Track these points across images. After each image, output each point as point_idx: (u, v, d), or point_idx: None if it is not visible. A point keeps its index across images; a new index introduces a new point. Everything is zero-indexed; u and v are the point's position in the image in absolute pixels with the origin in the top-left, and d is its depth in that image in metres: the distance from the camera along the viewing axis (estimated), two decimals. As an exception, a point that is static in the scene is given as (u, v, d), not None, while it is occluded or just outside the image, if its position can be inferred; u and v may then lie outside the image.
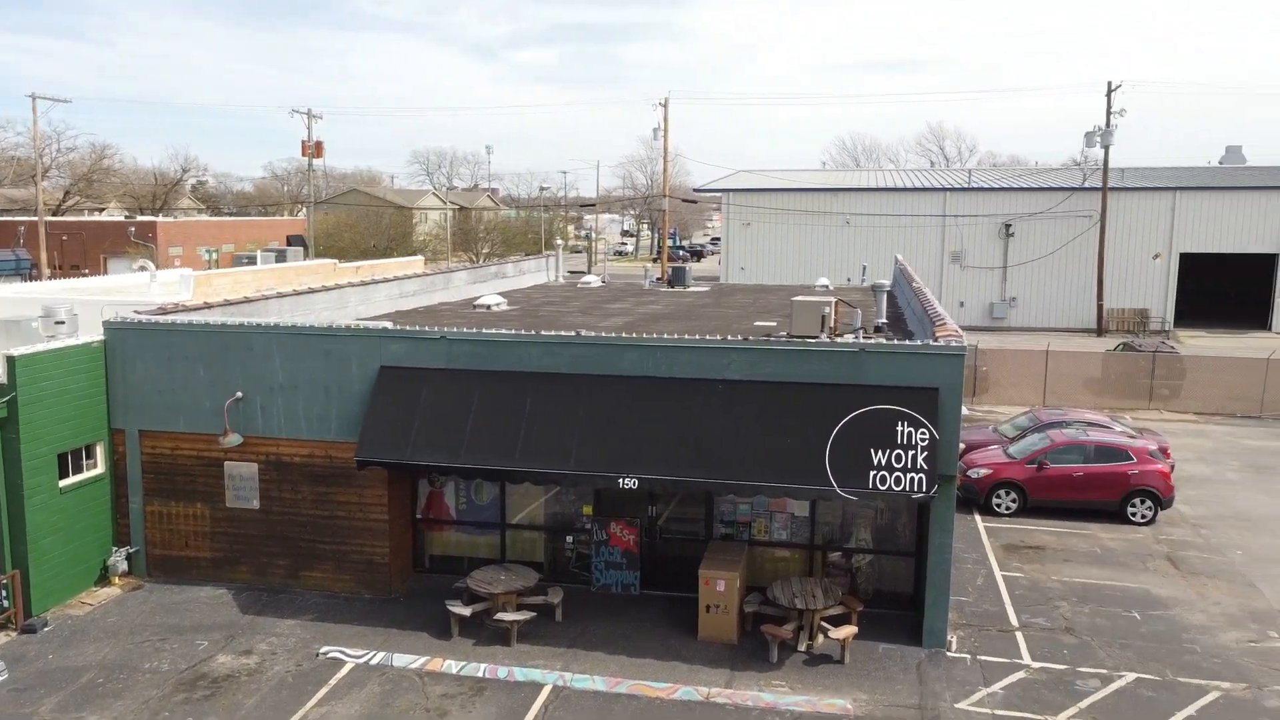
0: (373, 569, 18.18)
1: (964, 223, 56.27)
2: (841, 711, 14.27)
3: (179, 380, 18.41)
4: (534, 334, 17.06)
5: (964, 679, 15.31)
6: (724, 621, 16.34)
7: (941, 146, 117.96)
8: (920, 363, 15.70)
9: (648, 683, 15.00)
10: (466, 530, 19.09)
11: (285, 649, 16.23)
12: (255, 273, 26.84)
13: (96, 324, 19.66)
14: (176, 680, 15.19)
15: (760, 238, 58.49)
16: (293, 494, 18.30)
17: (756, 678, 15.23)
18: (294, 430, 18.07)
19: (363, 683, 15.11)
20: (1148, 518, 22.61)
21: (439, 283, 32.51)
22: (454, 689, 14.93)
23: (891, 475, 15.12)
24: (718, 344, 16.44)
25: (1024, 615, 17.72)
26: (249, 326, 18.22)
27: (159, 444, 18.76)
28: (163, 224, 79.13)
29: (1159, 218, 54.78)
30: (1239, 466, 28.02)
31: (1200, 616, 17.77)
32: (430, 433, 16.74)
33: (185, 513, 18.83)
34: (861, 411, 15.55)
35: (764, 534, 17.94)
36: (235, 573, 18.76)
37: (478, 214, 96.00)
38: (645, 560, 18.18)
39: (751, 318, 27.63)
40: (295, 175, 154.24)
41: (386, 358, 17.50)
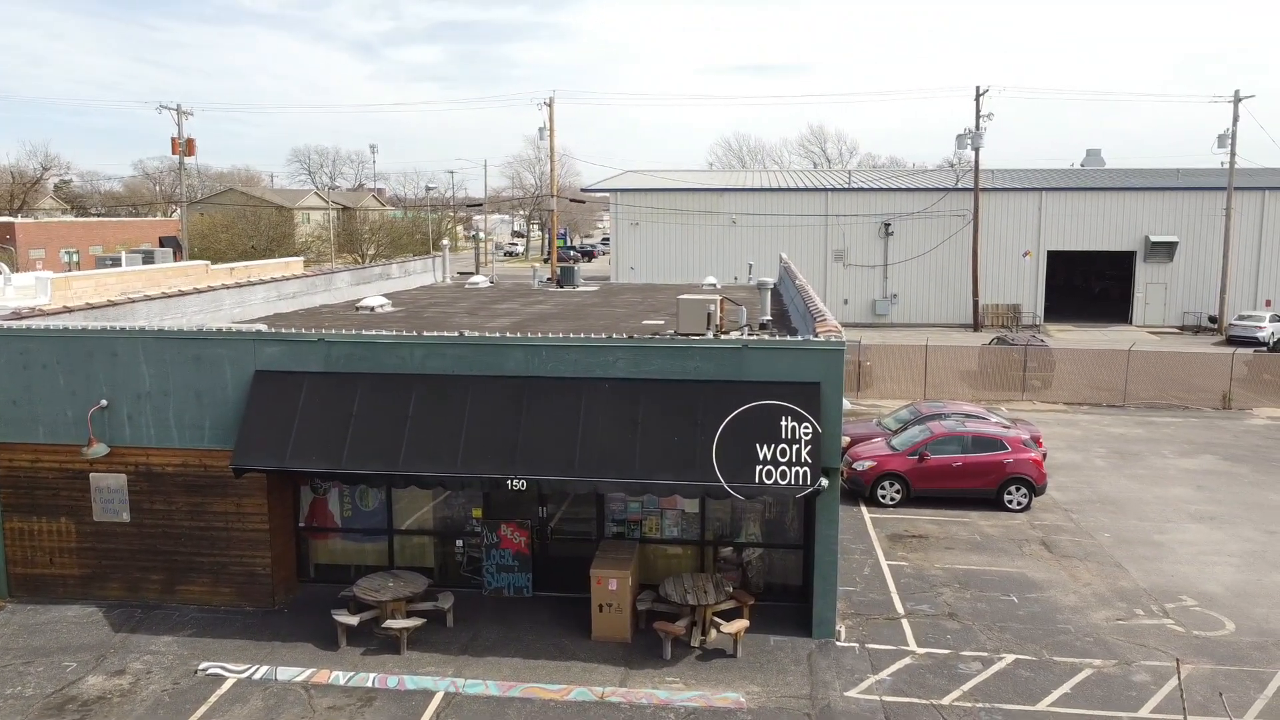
0: (254, 580, 17.53)
1: (845, 222, 57.61)
2: (734, 705, 14.38)
3: (37, 389, 17.42)
4: (416, 335, 16.71)
5: (853, 667, 15.60)
6: (617, 620, 16.29)
7: (824, 148, 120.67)
8: (802, 358, 15.92)
9: (541, 685, 14.84)
10: (353, 538, 18.58)
11: (161, 667, 15.51)
12: (120, 275, 25.61)
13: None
14: (42, 705, 14.37)
15: (649, 237, 58.77)
16: (165, 505, 17.52)
17: (651, 675, 15.22)
18: (165, 439, 17.29)
19: (245, 698, 14.54)
20: (1023, 504, 23.49)
21: (320, 284, 31.65)
22: (341, 700, 14.50)
23: (777, 470, 15.30)
24: (602, 342, 16.37)
25: (909, 603, 18.19)
26: (112, 331, 17.36)
27: (16, 456, 17.72)
28: (21, 225, 75.09)
29: (1027, 217, 57.10)
30: (1105, 453, 29.36)
31: (1072, 598, 18.51)
32: (310, 438, 16.24)
33: (48, 528, 17.84)
34: (746, 408, 15.69)
35: (655, 531, 17.96)
36: (105, 589, 17.86)
37: (363, 214, 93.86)
38: (537, 562, 18.01)
39: (639, 316, 27.70)
40: (168, 174, 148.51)
41: (261, 361, 16.90)
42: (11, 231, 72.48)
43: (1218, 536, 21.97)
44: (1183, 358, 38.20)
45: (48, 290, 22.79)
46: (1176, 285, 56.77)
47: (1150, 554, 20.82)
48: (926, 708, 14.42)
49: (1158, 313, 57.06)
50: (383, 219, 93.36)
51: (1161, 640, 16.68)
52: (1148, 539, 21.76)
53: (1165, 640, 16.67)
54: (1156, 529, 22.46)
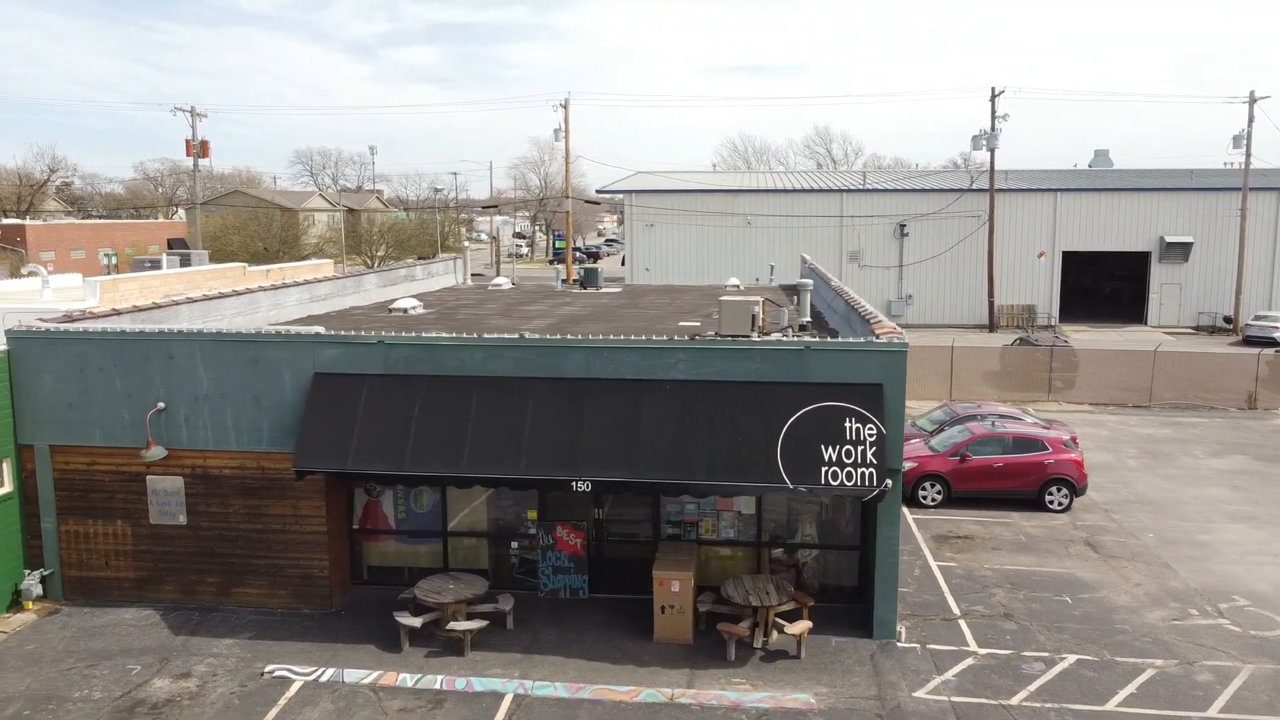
0: (311, 583, 17.53)
1: (860, 223, 57.67)
2: (805, 706, 14.39)
3: (93, 392, 17.42)
4: (476, 337, 16.72)
5: (917, 668, 15.62)
6: (679, 622, 16.30)
7: (829, 149, 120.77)
8: (864, 360, 15.95)
9: (610, 686, 14.85)
10: (406, 539, 18.58)
11: (225, 669, 15.51)
12: (162, 277, 25.63)
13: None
14: (112, 708, 14.36)
15: (664, 239, 58.79)
16: (222, 508, 17.51)
17: (717, 677, 15.24)
18: (222, 441, 17.29)
19: (314, 701, 14.54)
20: (1064, 505, 23.53)
21: (350, 286, 31.64)
22: (411, 703, 14.51)
23: (843, 471, 15.33)
24: (664, 344, 16.39)
25: (964, 603, 18.21)
26: (169, 334, 17.35)
27: (72, 459, 17.71)
28: (32, 227, 75.01)
29: (1042, 218, 57.17)
30: (1136, 454, 29.41)
31: (1125, 598, 18.54)
32: (372, 440, 16.24)
33: (104, 531, 17.82)
34: (809, 409, 15.72)
35: (711, 533, 17.98)
36: (161, 592, 17.85)
37: (369, 216, 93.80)
38: (593, 563, 18.02)
39: (673, 318, 27.68)
40: (169, 176, 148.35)
41: (320, 364, 16.90)
42: (22, 233, 72.47)
43: (1260, 536, 22.01)
44: (1206, 358, 38.25)
45: (96, 293, 22.77)
46: (1191, 286, 56.87)
47: (1196, 554, 20.85)
48: (996, 708, 14.44)
49: (1172, 313, 57.14)
50: (389, 221, 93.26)
51: (1219, 640, 16.71)
52: (1191, 539, 21.80)
53: (1223, 640, 16.70)
54: (1199, 529, 22.50)
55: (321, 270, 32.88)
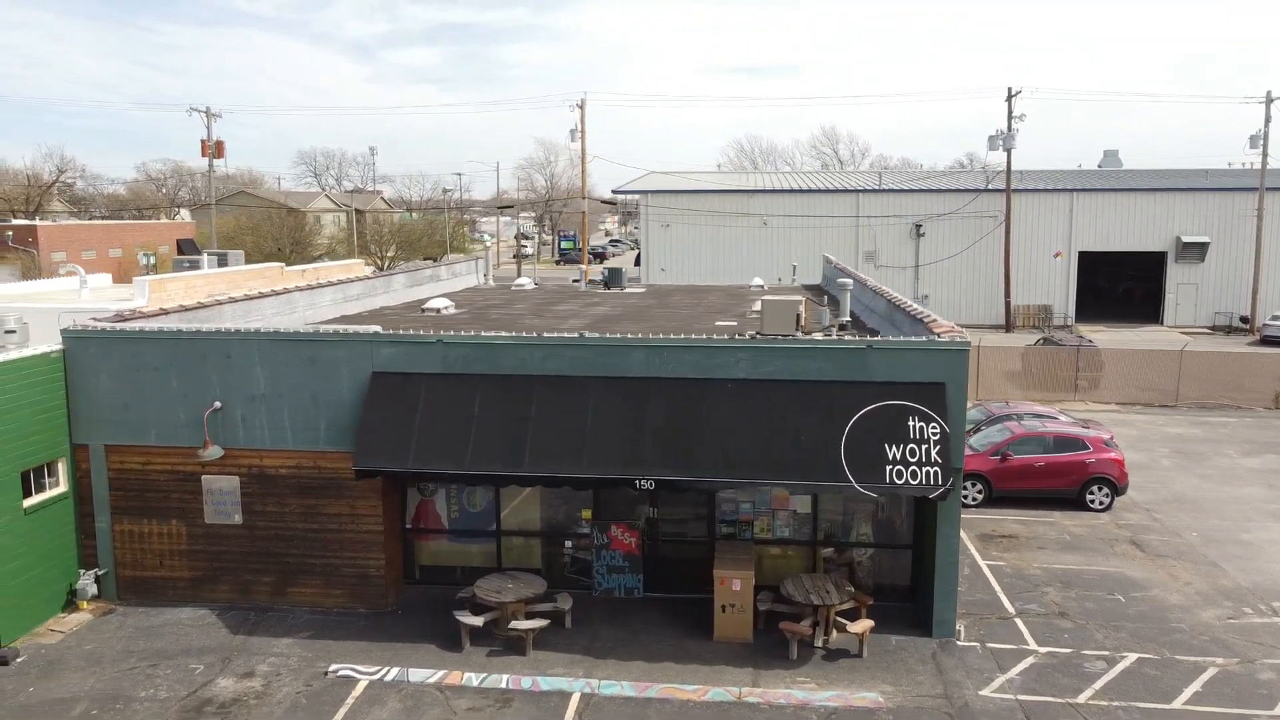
0: (367, 582, 17.52)
1: (876, 223, 57.70)
2: (874, 705, 14.39)
3: (149, 391, 17.40)
4: (536, 336, 16.72)
5: (980, 667, 15.63)
6: (740, 621, 16.30)
7: (836, 149, 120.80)
8: (926, 359, 15.96)
9: (677, 685, 14.85)
10: (458, 539, 18.57)
11: (288, 669, 15.50)
12: (205, 277, 25.63)
13: (42, 332, 18.53)
14: (180, 708, 14.34)
15: (679, 239, 58.81)
16: (278, 507, 17.50)
17: (781, 676, 15.24)
18: (279, 441, 17.28)
19: (381, 700, 14.53)
20: (1105, 504, 23.53)
21: (380, 286, 31.64)
22: (479, 702, 14.50)
23: (908, 470, 15.33)
24: (725, 343, 16.40)
25: (1017, 602, 18.21)
26: (227, 333, 17.34)
27: (127, 459, 17.69)
28: (44, 228, 74.88)
29: (1058, 218, 57.21)
30: (1169, 453, 29.42)
31: (1177, 596, 18.55)
32: (432, 440, 16.23)
33: (158, 531, 17.81)
34: (872, 408, 15.72)
35: (766, 532, 17.98)
36: (215, 592, 17.84)
37: (377, 217, 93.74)
38: (647, 563, 18.01)
39: (706, 318, 27.65)
40: (171, 177, 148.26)
41: (378, 363, 16.90)
42: (34, 234, 72.31)
43: (1304, 535, 22.04)
44: (1233, 358, 38.25)
45: (145, 292, 22.75)
46: (1207, 286, 56.92)
47: (1242, 553, 20.86)
48: (1063, 706, 14.44)
49: (1188, 313, 57.18)
50: (396, 221, 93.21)
51: (1278, 638, 16.72)
52: (1235, 538, 21.80)
53: (1281, 638, 16.73)
54: (1240, 528, 22.50)
55: (353, 270, 32.88)
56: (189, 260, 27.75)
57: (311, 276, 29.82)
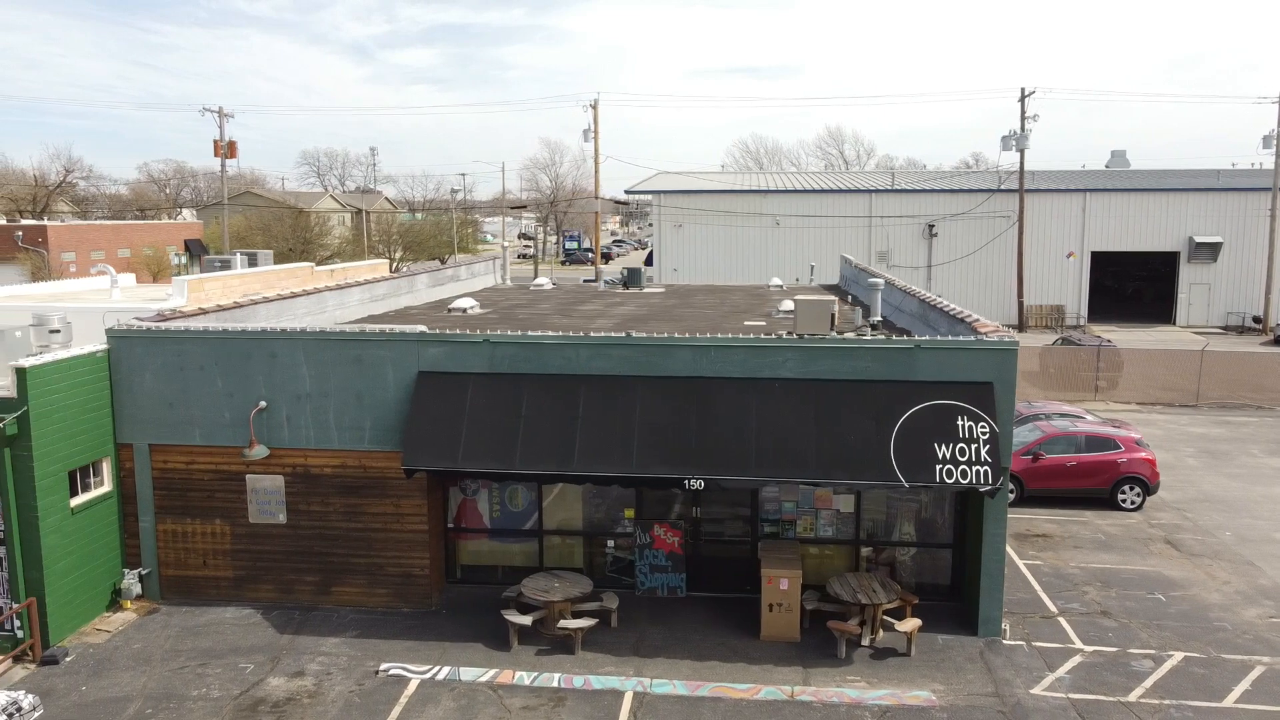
0: (411, 582, 17.55)
1: (889, 223, 57.73)
2: (927, 703, 14.42)
3: (193, 391, 17.43)
4: (583, 336, 16.75)
5: (1027, 665, 15.65)
6: (787, 620, 16.33)
7: (841, 150, 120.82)
8: (974, 358, 15.99)
9: (728, 684, 14.87)
10: (500, 539, 18.59)
11: (338, 668, 15.52)
12: (241, 277, 25.67)
13: (83, 333, 18.55)
14: (234, 706, 14.37)
15: (692, 239, 58.83)
16: (322, 506, 17.53)
17: (831, 674, 15.26)
18: (324, 440, 17.30)
19: (435, 699, 14.56)
20: (1136, 504, 23.57)
21: (404, 286, 31.67)
22: (532, 701, 14.52)
23: (957, 469, 15.35)
24: (772, 343, 16.43)
25: (1059, 601, 18.24)
26: (272, 333, 17.37)
27: (171, 458, 17.72)
28: (53, 228, 74.86)
29: (1071, 218, 57.25)
30: (1194, 452, 29.45)
31: (1217, 596, 18.58)
32: (481, 438, 16.25)
33: (202, 530, 17.83)
34: (920, 407, 15.76)
35: (809, 531, 18.01)
36: (258, 591, 17.86)
37: (388, 217, 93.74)
38: (690, 562, 18.04)
39: (733, 317, 27.67)
40: (174, 177, 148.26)
41: (424, 363, 16.93)
42: (44, 234, 72.28)
43: (1337, 535, 22.08)
44: (1253, 358, 38.28)
45: (184, 292, 22.77)
46: (1220, 286, 56.94)
47: (1278, 552, 20.89)
48: (1115, 705, 14.47)
49: (1201, 313, 57.22)
50: (402, 222, 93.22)
51: (1321, 637, 16.76)
52: (1269, 537, 21.84)
53: (1325, 637, 16.75)
54: (1274, 527, 22.53)
55: (378, 271, 32.92)
56: (220, 260, 27.77)
57: (340, 276, 29.87)
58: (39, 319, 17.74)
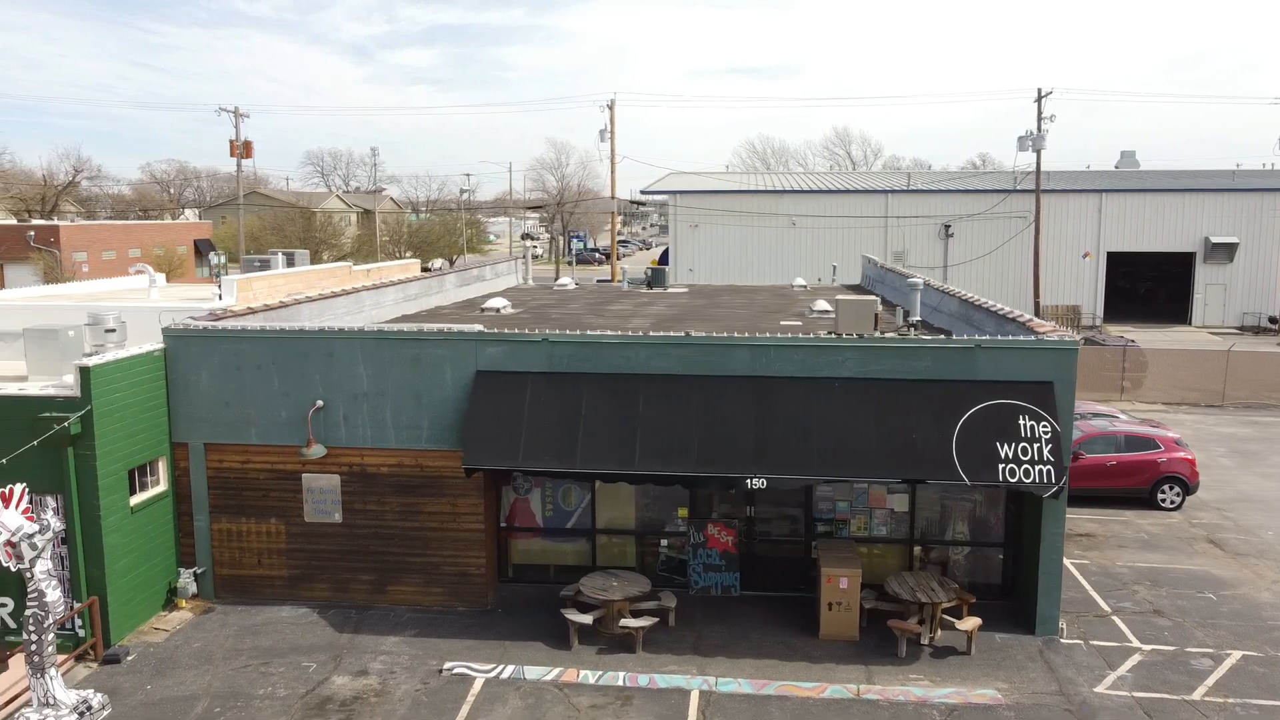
0: (467, 581, 17.58)
1: (905, 224, 57.79)
2: (993, 701, 14.46)
3: (250, 390, 17.46)
4: (642, 335, 16.78)
5: (1088, 664, 15.70)
6: (846, 619, 16.37)
7: (848, 150, 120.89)
8: (1035, 358, 16.04)
9: (793, 683, 14.91)
10: (553, 538, 18.63)
11: (401, 667, 15.55)
12: (286, 276, 25.71)
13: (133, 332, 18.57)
14: (302, 705, 14.40)
15: (707, 239, 58.88)
16: (378, 506, 17.56)
17: (894, 673, 15.31)
18: (381, 439, 17.33)
19: (502, 698, 14.59)
20: (1176, 503, 23.62)
21: (434, 286, 31.69)
22: (599, 699, 14.55)
23: (1020, 468, 15.40)
24: (831, 342, 16.48)
25: (1110, 600, 18.28)
26: (329, 332, 17.40)
27: (227, 458, 17.75)
28: (65, 228, 74.84)
29: (1087, 218, 57.33)
30: (1226, 452, 29.51)
31: (1267, 595, 18.62)
32: (541, 438, 16.29)
33: (257, 529, 17.86)
34: (982, 406, 15.81)
35: (863, 530, 18.05)
36: (313, 590, 17.89)
37: (397, 217, 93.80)
38: (743, 561, 18.07)
39: (767, 317, 27.68)
40: (177, 177, 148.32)
41: (483, 362, 16.97)
42: (56, 234, 72.25)
43: (1378, 534, 22.13)
44: (1275, 358, 38.32)
45: (233, 291, 22.80)
46: (1235, 286, 57.02)
47: (1322, 552, 20.97)
48: (1180, 703, 14.51)
49: (1216, 314, 57.30)
50: (419, 223, 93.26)
51: (1376, 636, 16.81)
52: (1311, 537, 21.92)
53: (1380, 636, 16.80)
54: (1315, 527, 22.62)
55: (410, 270, 32.98)
56: (259, 260, 27.80)
57: (375, 276, 29.91)
58: (94, 318, 17.76)
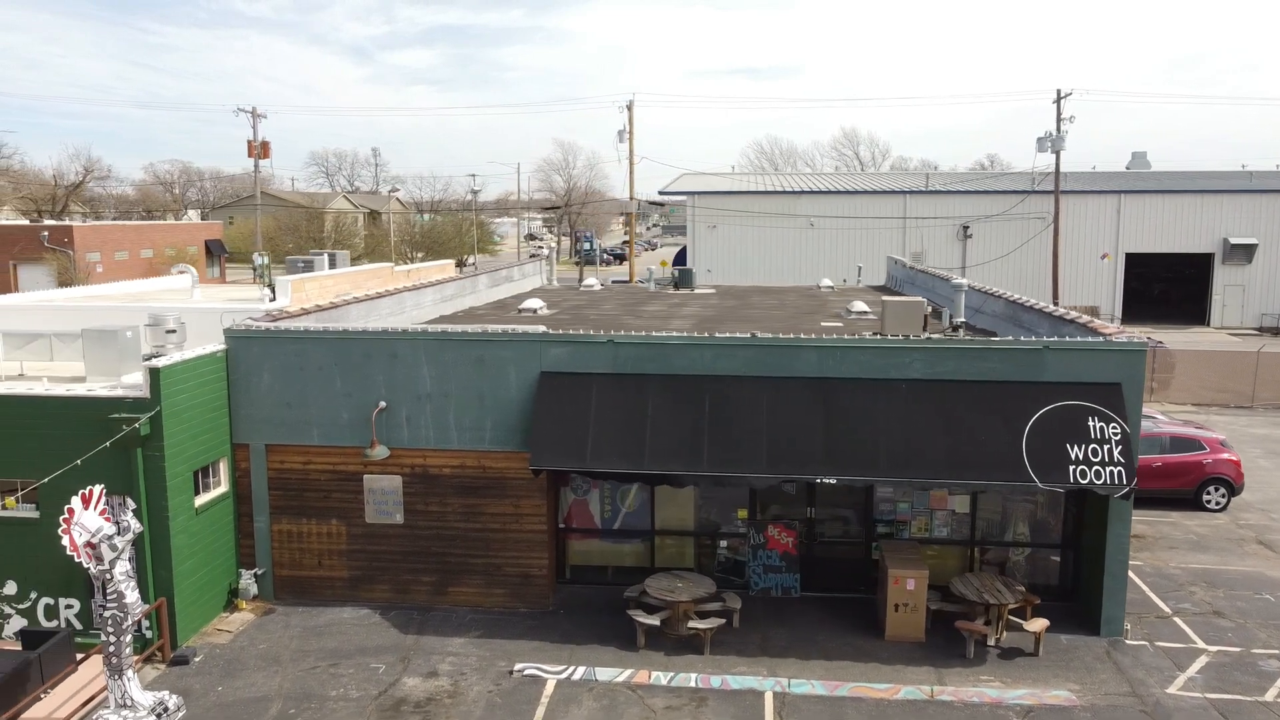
0: (529, 582, 17.58)
1: (924, 225, 57.80)
2: (1068, 702, 14.46)
3: (312, 391, 17.45)
4: (708, 336, 16.79)
5: (1157, 665, 15.70)
6: (913, 620, 16.37)
7: (856, 151, 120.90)
8: (1103, 359, 16.05)
9: (866, 684, 14.91)
10: (611, 539, 18.63)
11: (470, 668, 15.55)
12: (334, 278, 25.75)
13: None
14: (376, 707, 14.39)
15: (724, 240, 58.89)
16: (440, 507, 17.55)
17: (965, 674, 15.31)
18: (444, 440, 17.33)
19: (576, 699, 14.58)
20: (1221, 504, 23.63)
21: (468, 287, 31.72)
22: (674, 701, 14.55)
23: (1091, 469, 15.40)
24: (898, 344, 16.48)
25: (1169, 601, 18.29)
26: (393, 333, 17.40)
27: (288, 459, 17.75)
28: (79, 228, 74.80)
29: (1106, 219, 57.37)
30: (1262, 453, 29.52)
31: (1324, 596, 18.66)
32: (607, 438, 16.29)
33: (318, 531, 17.86)
34: (1051, 408, 15.81)
35: (924, 531, 18.05)
36: (373, 591, 17.88)
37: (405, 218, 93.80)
38: (803, 562, 18.07)
39: (806, 318, 27.67)
40: (180, 178, 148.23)
41: (547, 363, 16.96)
42: (69, 234, 72.24)
43: None
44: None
45: (288, 292, 22.80)
46: (1254, 287, 57.07)
47: (1372, 553, 20.98)
48: (1254, 705, 14.50)
49: (1235, 314, 57.34)
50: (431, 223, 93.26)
51: None
52: (1359, 538, 21.93)
53: None
54: (1361, 528, 22.63)
55: (446, 271, 33.00)
56: (303, 261, 27.81)
57: (415, 277, 29.93)
58: (154, 319, 17.71)
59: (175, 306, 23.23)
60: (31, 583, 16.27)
